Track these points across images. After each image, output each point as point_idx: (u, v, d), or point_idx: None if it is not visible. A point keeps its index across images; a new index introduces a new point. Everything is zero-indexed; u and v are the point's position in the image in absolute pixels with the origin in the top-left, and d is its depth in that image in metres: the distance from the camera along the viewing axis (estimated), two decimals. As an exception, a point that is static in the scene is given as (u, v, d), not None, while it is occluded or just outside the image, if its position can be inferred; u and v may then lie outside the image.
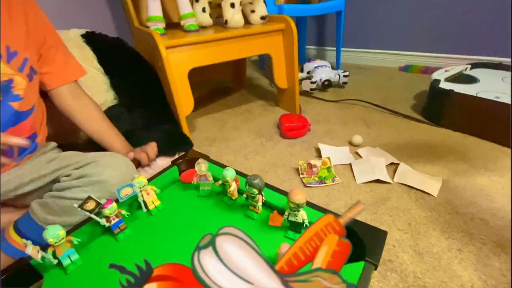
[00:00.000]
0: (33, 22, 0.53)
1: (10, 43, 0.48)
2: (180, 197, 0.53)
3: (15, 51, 0.49)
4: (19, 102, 0.51)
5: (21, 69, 0.50)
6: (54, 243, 0.37)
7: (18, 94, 0.51)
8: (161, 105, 0.84)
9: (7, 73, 0.48)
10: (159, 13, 0.83)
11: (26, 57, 0.51)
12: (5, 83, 0.48)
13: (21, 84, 0.51)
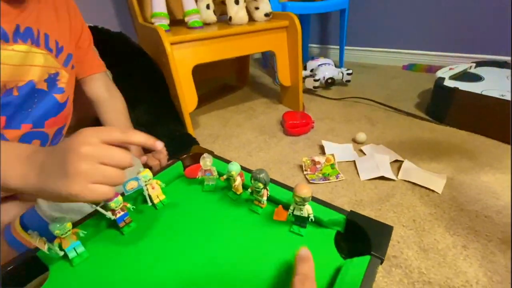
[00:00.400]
0: (73, 19, 0.55)
1: (59, 39, 0.51)
2: (184, 192, 0.53)
3: (62, 47, 0.52)
4: (61, 94, 0.54)
5: (66, 63, 0.53)
6: (60, 235, 0.37)
7: (62, 87, 0.54)
8: (165, 102, 0.84)
9: (56, 66, 0.51)
10: (164, 10, 0.83)
11: (70, 53, 0.54)
12: (52, 76, 0.51)
13: (65, 77, 0.54)
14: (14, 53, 0.44)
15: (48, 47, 0.49)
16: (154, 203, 0.48)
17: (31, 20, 0.46)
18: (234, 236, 0.43)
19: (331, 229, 0.43)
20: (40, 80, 0.49)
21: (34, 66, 0.48)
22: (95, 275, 0.39)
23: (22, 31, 0.45)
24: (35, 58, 0.48)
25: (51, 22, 0.50)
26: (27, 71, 0.47)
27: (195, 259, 0.40)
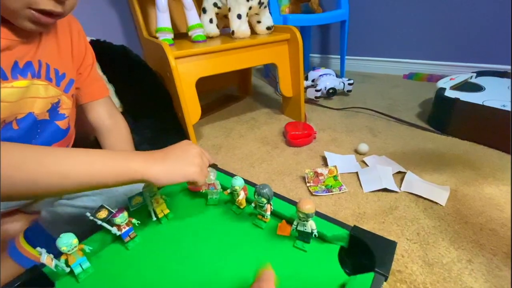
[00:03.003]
0: (76, 43, 0.54)
1: (59, 67, 0.50)
2: (188, 206, 0.54)
3: (63, 74, 0.51)
4: (64, 121, 0.53)
5: (67, 89, 0.52)
6: (67, 251, 0.37)
7: (63, 113, 0.53)
8: (168, 115, 0.85)
9: (57, 95, 0.50)
10: (168, 25, 0.85)
11: (72, 78, 0.53)
12: (55, 105, 0.50)
13: (66, 103, 0.53)
14: (14, 89, 0.43)
15: (48, 78, 0.48)
16: (158, 218, 0.49)
17: (32, 53, 0.45)
18: (238, 251, 0.43)
19: (335, 245, 0.43)
20: (43, 111, 0.49)
21: (35, 98, 0.47)
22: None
23: (22, 66, 0.43)
24: (36, 90, 0.46)
25: (51, 51, 0.49)
26: (27, 104, 0.46)
27: (199, 274, 0.40)
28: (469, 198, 0.63)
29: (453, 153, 0.81)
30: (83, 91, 0.58)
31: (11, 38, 0.41)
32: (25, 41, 0.43)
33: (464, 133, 0.88)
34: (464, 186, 0.67)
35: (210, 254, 0.43)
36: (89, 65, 0.58)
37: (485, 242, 0.52)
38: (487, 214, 0.58)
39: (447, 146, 0.85)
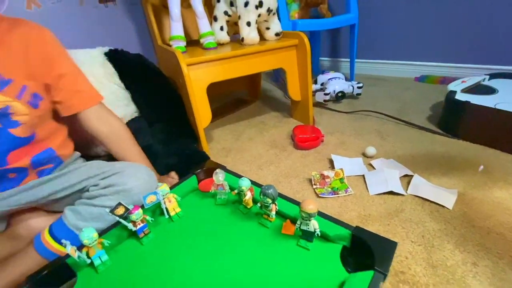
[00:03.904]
0: (34, 52, 0.53)
1: (3, 72, 0.49)
2: (198, 205, 0.57)
3: (10, 79, 0.50)
4: (18, 128, 0.52)
5: (20, 95, 0.51)
6: (88, 244, 0.41)
7: (17, 120, 0.51)
8: (180, 120, 0.89)
9: (2, 100, 0.49)
10: (181, 33, 0.90)
11: (25, 85, 0.52)
12: (2, 111, 0.49)
13: (21, 110, 0.51)
14: None
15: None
16: (170, 216, 0.52)
17: None
18: (244, 249, 0.46)
19: (337, 244, 0.45)
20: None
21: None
22: (117, 282, 0.42)
23: None
24: None
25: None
26: None
27: (207, 269, 0.43)
28: (477, 202, 0.63)
29: (463, 156, 0.80)
30: (65, 104, 0.59)
31: None
32: None
33: (475, 136, 0.87)
34: (473, 190, 0.67)
35: (218, 251, 0.46)
36: (59, 76, 0.57)
37: (491, 246, 0.52)
38: (495, 218, 0.58)
39: (457, 150, 0.84)
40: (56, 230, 0.55)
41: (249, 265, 0.43)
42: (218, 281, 0.41)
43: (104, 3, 1.09)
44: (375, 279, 0.36)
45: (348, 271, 0.41)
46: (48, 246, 0.53)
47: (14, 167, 0.54)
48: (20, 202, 0.57)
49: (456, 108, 0.90)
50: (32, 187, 0.57)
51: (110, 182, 0.56)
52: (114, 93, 0.81)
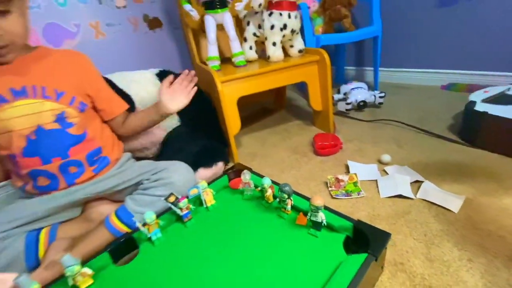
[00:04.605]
0: (79, 72, 0.71)
1: (58, 87, 0.66)
2: (229, 199, 0.69)
3: (63, 91, 0.67)
4: (73, 128, 0.68)
5: (71, 103, 0.68)
6: (149, 222, 0.55)
7: (71, 122, 0.68)
8: (214, 128, 1.04)
9: (58, 108, 0.65)
10: (216, 54, 1.05)
11: (74, 96, 0.68)
12: (60, 115, 0.66)
13: (72, 114, 0.68)
14: (19, 108, 0.61)
15: (45, 96, 0.64)
16: (207, 206, 0.65)
17: (24, 81, 0.62)
18: (265, 235, 0.57)
19: (341, 234, 0.54)
20: (49, 121, 0.64)
21: (39, 113, 0.63)
22: (169, 255, 0.56)
23: (19, 89, 0.61)
24: (36, 107, 0.63)
25: (46, 76, 0.65)
26: (33, 118, 0.63)
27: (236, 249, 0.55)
28: (484, 207, 0.67)
29: (478, 164, 0.84)
30: (105, 111, 0.77)
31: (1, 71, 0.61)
32: (17, 71, 0.62)
33: (493, 146, 0.89)
34: (482, 196, 0.71)
35: (244, 235, 0.58)
36: (98, 89, 0.75)
37: (489, 246, 0.57)
38: (499, 222, 0.62)
39: (473, 158, 0.87)
40: (120, 213, 0.70)
41: (269, 247, 0.54)
42: (244, 257, 0.52)
43: (153, 29, 1.29)
44: (368, 260, 0.45)
45: (349, 254, 0.50)
46: (115, 225, 0.69)
47: (73, 159, 0.70)
48: (93, 191, 0.74)
49: (475, 118, 0.93)
50: (101, 180, 0.74)
51: (158, 177, 0.71)
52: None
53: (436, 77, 1.57)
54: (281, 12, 1.00)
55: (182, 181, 0.71)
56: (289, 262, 0.50)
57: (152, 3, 1.27)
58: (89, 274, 0.49)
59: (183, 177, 0.72)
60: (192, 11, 1.00)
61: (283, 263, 0.50)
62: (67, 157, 0.69)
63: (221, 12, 1.00)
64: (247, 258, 0.52)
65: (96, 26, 1.13)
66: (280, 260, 0.51)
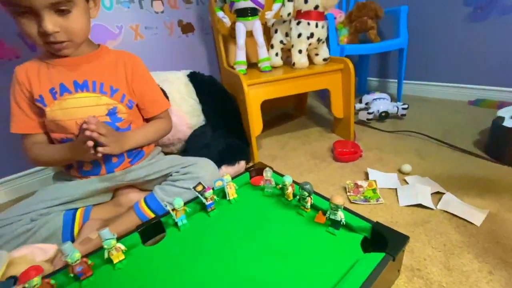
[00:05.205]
0: (130, 72, 0.77)
1: (113, 84, 0.73)
2: (250, 194, 0.73)
3: (117, 89, 0.74)
4: (121, 122, 0.75)
5: (122, 100, 0.75)
6: (177, 208, 0.60)
7: (120, 117, 0.75)
8: (237, 128, 1.08)
9: (112, 103, 0.73)
10: (244, 59, 1.10)
11: (124, 93, 0.75)
12: (112, 110, 0.73)
13: (122, 110, 0.75)
14: (79, 99, 0.69)
15: (102, 91, 0.71)
16: (230, 199, 0.69)
17: (87, 75, 0.70)
18: (284, 230, 0.60)
19: (359, 234, 0.56)
20: (102, 114, 0.71)
21: (95, 106, 0.71)
22: (192, 240, 0.60)
23: (81, 82, 0.70)
24: (94, 100, 0.70)
25: (106, 74, 0.73)
26: (89, 110, 0.70)
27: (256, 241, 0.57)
28: (508, 223, 0.66)
29: (504, 181, 0.82)
30: (146, 110, 0.82)
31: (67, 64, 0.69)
32: (81, 67, 0.70)
33: (522, 163, 0.87)
34: (507, 212, 0.69)
35: (263, 229, 0.60)
36: (145, 90, 0.81)
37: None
38: (524, 239, 0.61)
39: (498, 174, 0.85)
40: (149, 201, 0.76)
41: (286, 242, 0.56)
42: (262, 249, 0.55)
43: (185, 33, 1.38)
44: (385, 259, 0.47)
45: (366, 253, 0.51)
46: (143, 211, 0.74)
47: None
48: (127, 179, 0.80)
49: (502, 134, 0.91)
50: (134, 170, 0.80)
51: (187, 170, 0.76)
52: (192, 106, 1.04)
53: (464, 92, 1.54)
54: (309, 22, 1.04)
55: (208, 177, 0.75)
56: (306, 257, 0.53)
57: (187, 10, 1.36)
58: (122, 249, 0.54)
59: (210, 173, 0.77)
60: (225, 18, 1.06)
61: (300, 257, 0.53)
62: None
63: (251, 20, 1.06)
64: (265, 250, 0.55)
65: (136, 29, 1.23)
66: (297, 255, 0.53)
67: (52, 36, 0.62)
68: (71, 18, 0.63)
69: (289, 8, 1.05)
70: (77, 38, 0.67)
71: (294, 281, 0.48)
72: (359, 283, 0.43)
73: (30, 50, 1.01)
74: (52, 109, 0.69)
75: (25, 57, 1.00)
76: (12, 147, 1.03)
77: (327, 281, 0.47)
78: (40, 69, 0.70)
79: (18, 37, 0.99)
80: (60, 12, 0.61)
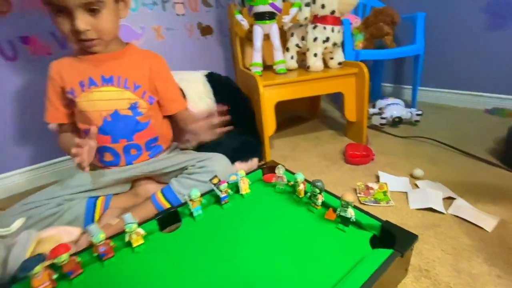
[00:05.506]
0: (154, 72, 0.81)
1: (136, 80, 0.78)
2: (262, 190, 0.75)
3: (139, 85, 0.78)
4: (142, 116, 0.80)
5: (143, 96, 0.79)
6: (194, 199, 0.63)
7: (141, 111, 0.79)
8: (251, 127, 1.11)
9: (134, 98, 0.77)
10: (260, 61, 1.14)
11: (145, 90, 0.79)
12: (133, 104, 0.78)
13: (143, 105, 0.79)
14: (104, 92, 0.74)
15: (125, 87, 0.76)
16: (242, 193, 0.72)
17: (113, 71, 0.75)
18: (295, 225, 0.62)
19: (368, 232, 0.57)
20: (124, 108, 0.76)
21: (119, 100, 0.76)
22: (207, 230, 0.63)
23: (108, 77, 0.75)
24: (115, 94, 0.75)
25: (131, 70, 0.77)
26: (113, 103, 0.75)
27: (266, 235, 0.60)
28: (521, 230, 0.66)
29: (519, 190, 0.81)
30: (165, 108, 0.87)
31: (96, 60, 0.75)
32: (107, 63, 0.75)
33: (538, 172, 0.85)
34: (520, 220, 0.69)
35: (274, 223, 0.63)
36: (165, 89, 0.84)
37: (523, 267, 0.56)
38: (536, 246, 0.61)
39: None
40: (165, 192, 0.79)
41: (297, 236, 0.58)
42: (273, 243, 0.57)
43: (204, 35, 1.44)
44: (393, 255, 0.48)
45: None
46: (160, 202, 0.78)
47: (135, 143, 0.82)
48: (145, 171, 0.84)
49: (518, 143, 0.90)
50: (152, 162, 0.85)
51: (203, 164, 0.80)
52: (208, 105, 1.07)
53: (480, 100, 1.52)
54: (325, 26, 1.06)
55: (222, 171, 0.78)
56: (315, 251, 0.54)
57: (206, 13, 1.41)
58: (142, 234, 0.57)
59: (223, 168, 0.80)
60: (243, 20, 1.10)
61: (309, 251, 0.54)
62: (132, 140, 0.81)
63: (269, 23, 1.09)
64: (275, 243, 0.57)
65: (158, 30, 1.29)
66: (306, 249, 0.55)
67: (83, 34, 0.67)
68: (101, 18, 0.68)
69: (306, 13, 1.08)
70: (106, 36, 0.72)
71: (302, 273, 0.50)
72: (366, 277, 0.45)
73: (60, 48, 1.08)
74: (80, 100, 0.75)
75: (56, 54, 1.07)
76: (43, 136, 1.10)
77: (334, 274, 0.49)
78: (72, 64, 0.76)
79: (50, 35, 1.06)
80: (91, 11, 0.66)
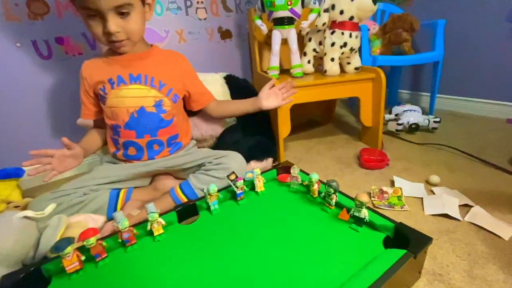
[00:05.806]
0: (180, 70, 0.88)
1: (162, 79, 0.83)
2: (276, 189, 0.77)
3: (165, 83, 0.83)
4: (165, 114, 0.84)
5: (168, 94, 0.84)
6: (212, 193, 0.66)
7: (165, 109, 0.84)
8: (266, 128, 1.14)
9: (159, 96, 0.82)
10: (277, 64, 1.16)
11: (171, 88, 0.84)
12: (158, 102, 0.83)
13: (167, 103, 0.84)
14: (132, 90, 0.79)
15: (152, 85, 0.81)
16: (257, 191, 0.74)
17: (141, 69, 0.81)
18: (309, 224, 0.64)
19: (382, 233, 0.58)
20: (149, 105, 0.81)
21: (145, 97, 0.81)
22: (223, 224, 0.65)
23: (136, 75, 0.80)
24: (142, 91, 0.80)
25: (158, 69, 0.83)
26: (139, 100, 0.80)
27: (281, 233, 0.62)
28: (541, 241, 0.64)
29: (541, 200, 0.79)
30: (197, 102, 0.94)
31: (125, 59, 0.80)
32: (135, 62, 0.80)
33: (562, 184, 0.83)
34: (540, 230, 0.67)
35: (288, 221, 0.65)
36: (193, 85, 0.92)
37: (542, 277, 0.55)
38: (557, 257, 0.59)
39: (535, 194, 0.82)
40: (184, 187, 0.83)
41: (310, 234, 0.60)
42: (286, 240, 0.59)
43: (224, 39, 1.49)
44: (406, 255, 0.49)
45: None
46: (178, 196, 0.81)
47: (158, 139, 0.86)
48: (165, 166, 0.88)
49: (541, 153, 0.88)
50: (172, 158, 0.89)
51: (220, 161, 0.83)
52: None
53: (502, 109, 1.48)
54: (343, 31, 1.08)
55: (238, 169, 0.81)
56: (328, 249, 0.56)
57: (227, 17, 1.46)
58: (163, 223, 0.61)
59: (239, 165, 0.83)
60: (262, 25, 1.14)
61: (322, 249, 0.56)
62: (155, 136, 0.85)
63: (287, 28, 1.12)
64: (288, 239, 0.59)
65: (180, 33, 1.35)
66: (319, 247, 0.56)
67: (114, 35, 0.72)
68: (130, 20, 0.73)
69: (324, 18, 1.10)
70: (134, 37, 0.77)
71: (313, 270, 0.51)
72: (378, 275, 0.46)
73: (90, 48, 1.16)
74: (109, 97, 0.80)
75: (87, 54, 1.15)
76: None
77: (346, 272, 0.50)
78: (102, 63, 0.82)
79: (82, 36, 1.13)
80: (121, 14, 0.71)
